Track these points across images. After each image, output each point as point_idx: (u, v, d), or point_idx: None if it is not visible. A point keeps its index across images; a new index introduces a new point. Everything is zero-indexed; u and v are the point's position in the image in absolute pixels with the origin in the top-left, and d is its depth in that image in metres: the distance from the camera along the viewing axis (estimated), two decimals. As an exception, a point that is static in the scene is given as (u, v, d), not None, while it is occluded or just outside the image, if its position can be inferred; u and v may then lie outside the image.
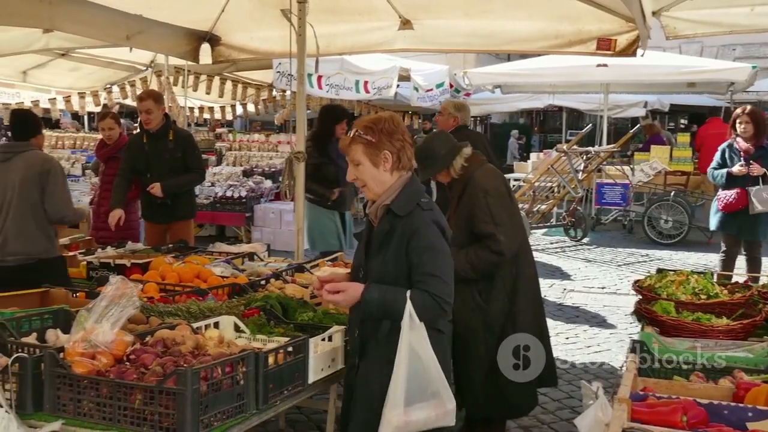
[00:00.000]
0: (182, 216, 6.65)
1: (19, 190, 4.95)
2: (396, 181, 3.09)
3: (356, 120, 3.22)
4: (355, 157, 3.07)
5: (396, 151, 3.06)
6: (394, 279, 3.01)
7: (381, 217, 3.09)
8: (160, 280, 4.56)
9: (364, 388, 3.09)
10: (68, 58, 9.86)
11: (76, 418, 2.64)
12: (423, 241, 2.99)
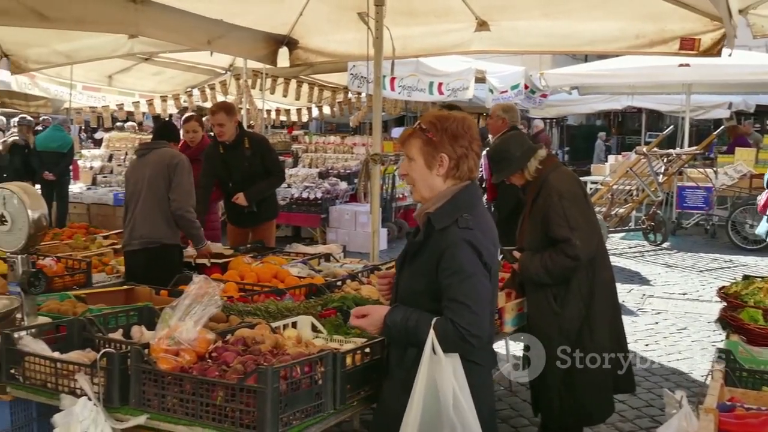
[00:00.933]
0: (266, 218, 6.78)
1: (149, 182, 5.33)
2: (446, 189, 2.80)
3: (425, 113, 3.05)
4: (410, 152, 2.82)
5: (456, 157, 2.76)
6: (421, 296, 2.76)
7: (422, 226, 2.82)
8: (239, 279, 4.65)
9: (381, 411, 2.94)
10: (151, 63, 10.19)
11: (160, 412, 2.71)
12: (452, 262, 2.66)
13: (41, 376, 2.98)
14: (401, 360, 2.79)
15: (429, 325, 2.62)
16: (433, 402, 2.57)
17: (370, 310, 2.88)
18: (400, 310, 2.77)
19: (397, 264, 2.99)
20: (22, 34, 7.92)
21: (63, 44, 8.30)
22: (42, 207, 3.43)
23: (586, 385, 4.20)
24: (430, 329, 2.61)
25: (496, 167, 4.56)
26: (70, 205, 12.07)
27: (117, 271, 5.41)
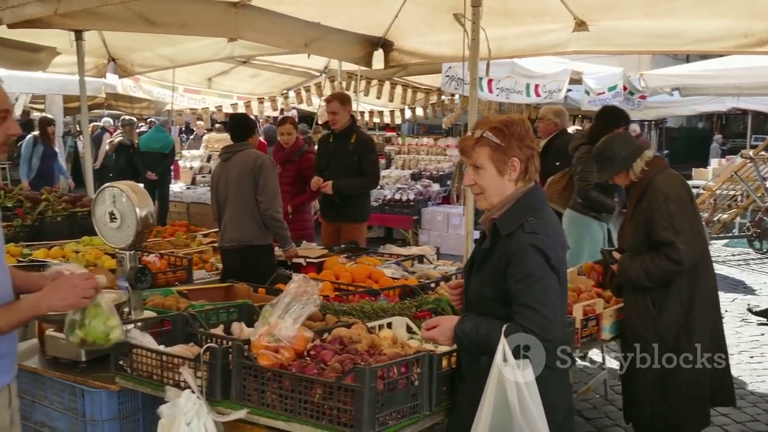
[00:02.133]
0: (353, 218, 6.83)
1: (236, 185, 5.45)
2: (513, 192, 2.77)
3: (481, 119, 2.97)
4: (479, 160, 2.75)
5: (525, 160, 2.74)
6: (491, 302, 2.74)
7: (488, 232, 2.80)
8: (334, 279, 4.70)
9: (454, 418, 2.90)
10: (249, 66, 10.43)
11: (260, 407, 2.76)
12: (519, 268, 2.64)
13: (147, 368, 3.09)
14: (473, 367, 2.78)
15: (500, 332, 2.61)
16: (503, 408, 2.56)
17: (440, 320, 2.88)
18: (469, 319, 2.76)
19: (465, 271, 2.98)
20: (128, 39, 8.25)
21: (166, 48, 8.61)
22: (149, 205, 3.56)
23: (680, 394, 4.07)
24: (501, 336, 2.59)
25: (599, 166, 4.47)
26: (171, 203, 12.49)
27: (216, 269, 5.56)
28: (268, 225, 5.44)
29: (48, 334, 3.44)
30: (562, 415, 2.74)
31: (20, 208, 6.56)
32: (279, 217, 5.45)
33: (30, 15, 5.00)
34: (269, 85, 11.70)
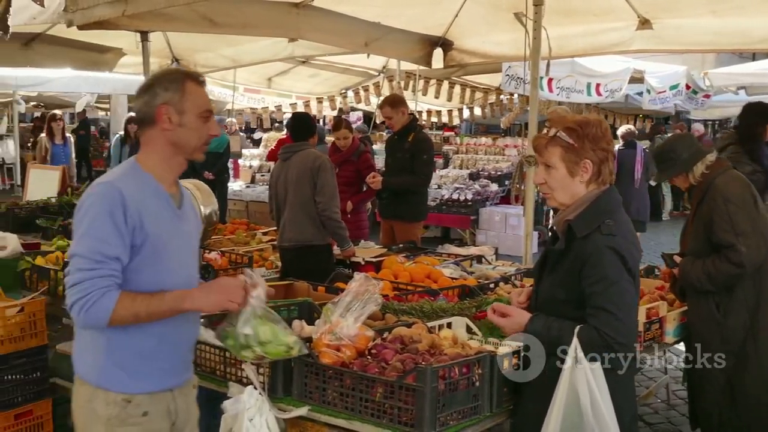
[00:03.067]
0: (407, 217, 6.83)
1: (294, 185, 5.50)
2: (587, 194, 2.73)
3: (553, 117, 2.97)
4: (550, 159, 2.72)
5: (598, 162, 2.70)
6: (563, 304, 2.70)
7: (562, 233, 2.76)
8: (393, 278, 4.71)
9: (520, 418, 2.88)
10: (308, 65, 10.52)
11: (321, 405, 2.79)
12: (595, 270, 2.61)
13: (211, 363, 3.14)
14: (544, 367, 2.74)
15: (572, 333, 2.58)
16: (574, 411, 2.53)
17: (513, 312, 2.84)
18: (541, 319, 2.73)
19: (535, 272, 2.94)
20: (191, 39, 8.41)
21: (228, 49, 8.75)
22: (213, 203, 3.63)
23: (750, 400, 3.96)
24: (574, 337, 2.56)
25: (659, 167, 4.39)
26: (230, 202, 12.64)
27: (276, 267, 5.62)
28: (326, 225, 5.47)
29: (115, 329, 3.50)
30: (628, 419, 2.70)
31: (87, 205, 6.73)
32: (337, 217, 5.49)
33: (99, 16, 5.13)
34: (328, 84, 11.79)
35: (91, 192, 2.49)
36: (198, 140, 2.61)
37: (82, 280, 2.36)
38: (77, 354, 2.60)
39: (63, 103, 18.40)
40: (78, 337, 2.59)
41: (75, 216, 2.49)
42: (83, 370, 2.56)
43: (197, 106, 2.58)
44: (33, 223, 6.41)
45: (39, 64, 9.04)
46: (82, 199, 2.51)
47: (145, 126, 2.60)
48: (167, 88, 2.55)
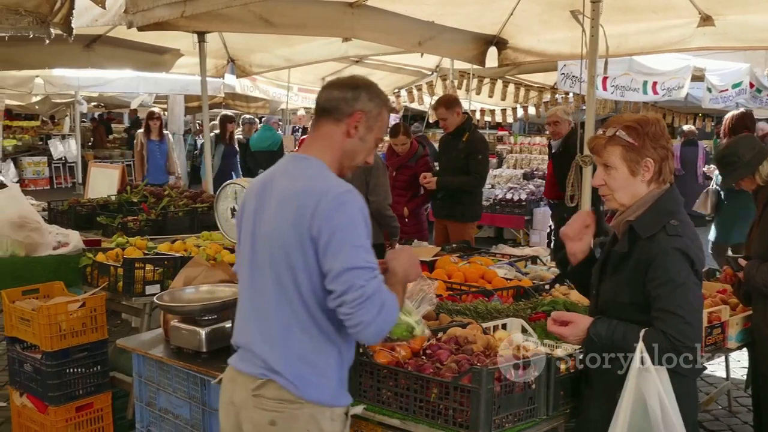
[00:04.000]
0: (461, 217, 6.80)
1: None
2: (647, 194, 2.68)
3: (613, 117, 2.91)
4: (610, 159, 2.67)
5: (659, 160, 2.64)
6: (626, 307, 2.64)
7: (623, 234, 2.70)
8: (447, 278, 4.68)
9: (582, 423, 2.82)
10: (361, 65, 10.53)
11: (375, 404, 2.79)
12: (661, 272, 2.54)
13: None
14: (606, 372, 2.67)
15: (637, 336, 2.51)
16: (642, 416, 2.47)
17: (573, 318, 2.77)
18: (603, 321, 2.66)
19: (595, 275, 2.86)
20: (246, 40, 8.51)
21: (283, 49, 8.83)
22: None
23: None
24: (640, 341, 2.50)
25: (723, 172, 4.28)
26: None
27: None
28: (380, 221, 5.49)
29: (172, 325, 3.57)
30: (690, 425, 2.63)
31: (145, 203, 6.87)
32: (390, 213, 5.53)
33: (158, 18, 5.22)
34: (381, 84, 11.51)
35: (343, 200, 2.38)
36: (360, 161, 2.63)
37: (375, 293, 2.29)
38: (301, 377, 2.42)
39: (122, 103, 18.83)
40: (307, 357, 2.43)
41: (328, 226, 2.34)
42: (311, 392, 2.42)
43: (380, 132, 2.61)
44: (94, 221, 6.55)
45: (100, 65, 9.26)
46: (329, 207, 2.35)
47: (328, 116, 2.54)
48: (371, 99, 2.54)
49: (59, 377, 4.39)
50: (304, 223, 2.35)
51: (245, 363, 2.52)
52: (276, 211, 2.45)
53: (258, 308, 2.50)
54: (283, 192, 2.47)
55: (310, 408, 2.42)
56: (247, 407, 2.49)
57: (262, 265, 2.47)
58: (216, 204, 3.98)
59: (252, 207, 2.57)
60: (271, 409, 2.43)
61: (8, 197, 4.91)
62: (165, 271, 4.66)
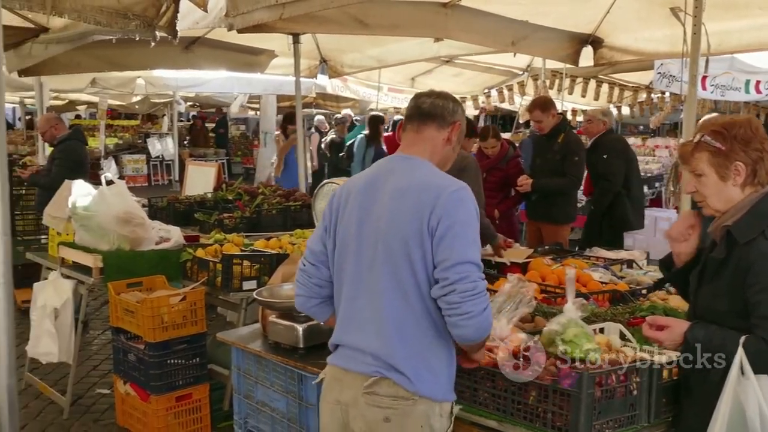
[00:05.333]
0: (555, 219, 6.71)
1: None
2: (745, 198, 2.57)
3: (702, 121, 2.77)
4: (698, 166, 2.59)
5: (751, 163, 2.53)
6: (725, 315, 2.53)
7: (720, 240, 2.60)
8: (540, 281, 4.63)
9: (681, 428, 2.73)
10: (451, 65, 10.53)
11: (472, 405, 2.78)
12: (761, 277, 2.43)
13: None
14: (704, 379, 2.58)
15: (737, 344, 2.41)
16: (740, 426, 2.39)
17: (670, 322, 2.69)
18: (701, 326, 2.57)
19: (693, 281, 2.77)
20: (338, 41, 8.62)
21: (374, 49, 8.90)
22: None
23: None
24: (739, 348, 2.40)
25: None
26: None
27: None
28: None
29: (270, 320, 3.65)
30: None
31: (240, 201, 7.04)
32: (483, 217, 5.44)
33: (258, 20, 5.34)
34: (471, 84, 11.75)
35: (462, 196, 2.51)
36: (447, 168, 2.76)
37: (484, 292, 2.42)
38: (416, 373, 2.49)
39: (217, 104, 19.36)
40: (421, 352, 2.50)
41: (447, 219, 2.44)
42: (425, 387, 2.49)
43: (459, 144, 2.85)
44: (191, 217, 6.77)
45: (197, 66, 9.53)
46: (449, 202, 2.47)
47: (432, 122, 2.71)
48: (462, 115, 2.80)
49: (160, 368, 4.57)
50: (423, 215, 2.45)
51: (353, 362, 2.58)
52: (392, 205, 2.52)
53: (367, 306, 2.55)
54: (398, 188, 2.54)
55: (423, 404, 2.49)
56: (358, 405, 2.54)
57: (374, 261, 2.52)
58: (314, 203, 4.06)
59: (354, 207, 2.62)
60: (385, 406, 2.49)
61: (115, 194, 5.12)
62: (261, 267, 4.78)
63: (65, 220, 5.42)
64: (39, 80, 9.58)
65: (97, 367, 6.22)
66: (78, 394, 5.49)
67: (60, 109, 18.45)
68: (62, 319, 5.09)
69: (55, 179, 6.60)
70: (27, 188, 7.82)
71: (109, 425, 5.06)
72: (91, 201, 5.12)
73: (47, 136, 7.72)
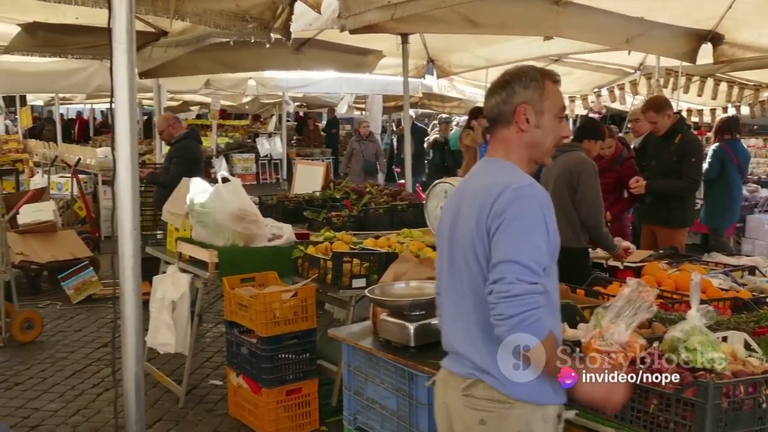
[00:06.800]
0: (671, 222, 6.46)
1: (553, 185, 5.32)
2: None
3: None
4: None
5: None
6: None
7: None
8: (656, 286, 4.48)
9: None
10: (560, 64, 10.31)
11: (588, 411, 2.71)
12: None
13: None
14: None
15: None
16: None
17: None
18: None
19: None
20: (447, 41, 8.61)
21: (482, 48, 8.85)
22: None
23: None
24: None
25: None
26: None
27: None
28: (590, 235, 5.28)
29: (382, 318, 3.68)
30: None
31: (347, 200, 7.13)
32: (599, 226, 5.24)
33: (369, 21, 5.42)
34: (580, 83, 11.50)
35: (520, 194, 2.33)
36: (552, 141, 2.53)
37: (526, 293, 2.22)
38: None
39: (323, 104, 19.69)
40: None
41: (497, 217, 2.32)
42: (517, 389, 2.36)
43: (555, 106, 2.52)
44: (299, 215, 6.89)
45: (307, 67, 9.75)
46: (505, 200, 2.32)
47: (498, 124, 2.53)
48: (527, 86, 2.47)
49: (272, 361, 4.68)
50: (483, 214, 2.36)
51: (454, 364, 2.57)
52: (466, 211, 2.48)
53: (458, 310, 2.53)
54: (474, 190, 2.49)
55: (520, 408, 2.39)
56: (458, 407, 2.51)
57: (459, 267, 2.49)
58: (426, 202, 4.07)
59: (450, 211, 2.63)
60: (481, 409, 2.43)
61: (231, 191, 5.28)
62: (371, 266, 4.82)
63: (183, 216, 5.62)
64: (157, 82, 9.99)
65: (210, 359, 6.43)
66: (192, 384, 5.68)
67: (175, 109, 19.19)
68: (179, 311, 5.29)
69: (173, 177, 6.86)
70: (145, 186, 8.18)
71: (221, 416, 5.22)
72: (208, 198, 5.29)
73: (165, 135, 8.03)
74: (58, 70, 10.57)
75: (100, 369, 6.17)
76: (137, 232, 3.10)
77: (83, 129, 25.79)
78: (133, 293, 3.12)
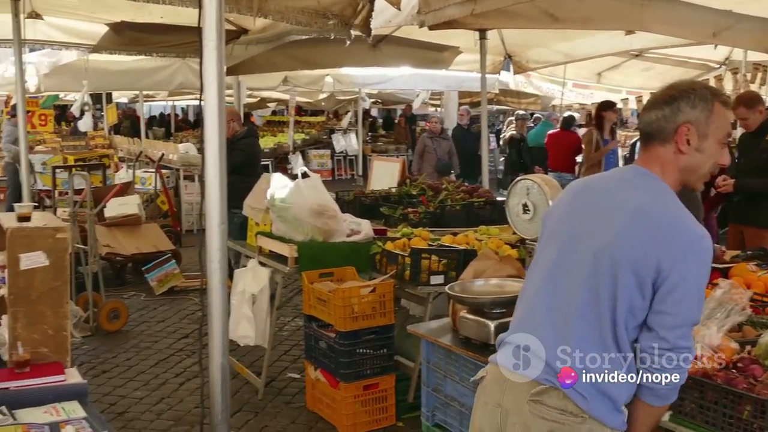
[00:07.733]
0: (759, 222, 6.24)
1: None
2: None
3: None
4: None
5: None
6: None
7: None
8: (745, 288, 4.32)
9: None
10: (641, 59, 10.08)
11: (677, 416, 2.65)
12: None
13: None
14: None
15: None
16: None
17: None
18: None
19: None
20: (525, 36, 8.50)
21: (562, 44, 8.70)
22: (560, 198, 3.60)
23: None
24: None
25: None
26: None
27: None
28: None
29: (461, 315, 3.66)
30: None
31: (424, 196, 7.12)
32: None
33: (449, 16, 5.39)
34: (661, 78, 11.17)
35: (705, 247, 2.21)
36: (710, 168, 2.37)
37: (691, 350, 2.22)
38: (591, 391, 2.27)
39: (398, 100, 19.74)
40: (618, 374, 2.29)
41: (681, 268, 2.17)
42: (598, 408, 2.27)
43: (720, 131, 2.33)
44: (376, 211, 6.91)
45: (383, 64, 9.78)
46: (692, 252, 2.19)
47: (654, 140, 2.36)
48: (695, 106, 2.30)
49: (350, 356, 4.72)
50: (653, 249, 2.19)
51: (522, 364, 2.37)
52: (627, 222, 2.27)
53: (556, 311, 2.35)
54: (639, 206, 2.29)
55: (591, 424, 2.26)
56: (520, 413, 2.34)
57: (578, 269, 2.32)
58: (507, 199, 4.03)
59: (571, 207, 2.47)
60: (551, 419, 2.28)
61: (310, 186, 5.33)
62: (449, 262, 4.80)
63: (263, 211, 5.71)
64: (237, 79, 10.20)
65: (288, 352, 6.53)
66: (271, 376, 5.78)
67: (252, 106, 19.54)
68: (259, 304, 5.38)
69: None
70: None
71: (299, 408, 5.29)
72: (288, 193, 5.36)
73: (228, 128, 8.14)
74: (142, 68, 10.87)
75: (183, 359, 6.34)
76: (224, 225, 3.17)
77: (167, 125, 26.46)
78: (219, 285, 3.19)
